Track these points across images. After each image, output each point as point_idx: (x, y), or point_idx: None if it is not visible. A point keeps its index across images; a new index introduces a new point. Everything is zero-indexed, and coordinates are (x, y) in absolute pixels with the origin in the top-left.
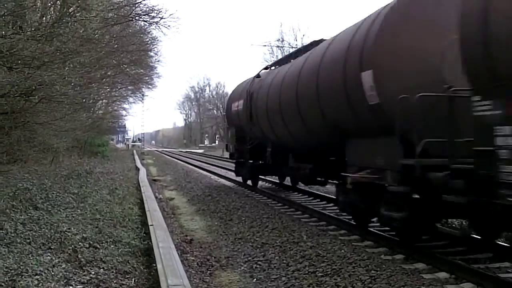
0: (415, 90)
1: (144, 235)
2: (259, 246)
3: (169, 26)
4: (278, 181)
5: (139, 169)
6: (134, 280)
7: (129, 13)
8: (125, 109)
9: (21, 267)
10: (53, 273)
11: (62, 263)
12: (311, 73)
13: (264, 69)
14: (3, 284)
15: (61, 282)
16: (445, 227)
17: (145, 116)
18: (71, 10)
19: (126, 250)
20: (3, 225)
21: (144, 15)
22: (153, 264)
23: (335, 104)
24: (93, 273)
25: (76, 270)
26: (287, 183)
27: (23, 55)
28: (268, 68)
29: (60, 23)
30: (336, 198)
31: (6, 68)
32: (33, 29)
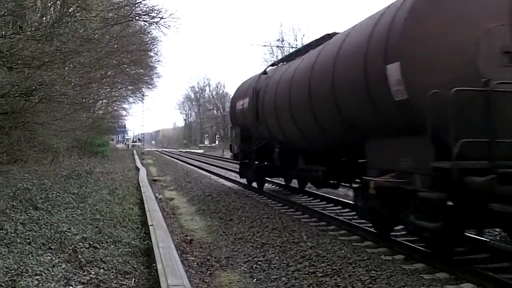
0: (448, 84)
1: (144, 235)
2: (259, 246)
3: (169, 26)
4: (282, 183)
5: (139, 169)
6: (134, 280)
7: (129, 13)
8: (125, 109)
9: (21, 267)
10: (53, 273)
11: (62, 263)
12: (326, 68)
13: (271, 65)
14: (3, 284)
15: (61, 282)
16: (487, 238)
17: (145, 116)
18: (71, 10)
19: (126, 250)
20: (3, 225)
21: (144, 15)
22: (153, 264)
23: (354, 100)
24: (93, 273)
25: (76, 270)
26: (290, 184)
27: (23, 55)
28: (275, 64)
29: (60, 23)
30: (354, 203)
31: (6, 68)
32: (33, 29)
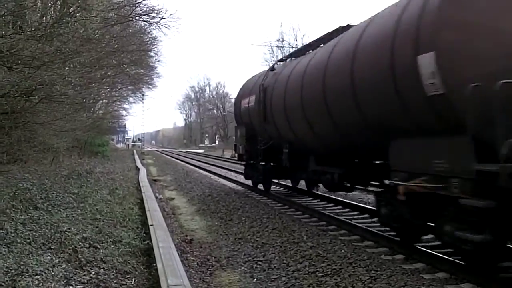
0: (492, 76)
1: (144, 235)
2: (259, 246)
3: (169, 26)
4: (286, 184)
5: (139, 169)
6: (134, 280)
7: (129, 13)
8: (125, 109)
9: (21, 267)
10: (53, 273)
11: (62, 263)
12: (344, 61)
13: (279, 61)
14: (3, 284)
15: (61, 282)
16: None
17: (145, 116)
18: (71, 10)
19: (126, 250)
20: (4, 225)
21: (144, 15)
22: (153, 264)
23: (377, 96)
24: (93, 273)
25: (76, 270)
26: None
27: (23, 55)
28: (283, 60)
29: (60, 23)
30: (377, 210)
31: (6, 68)
32: (33, 29)
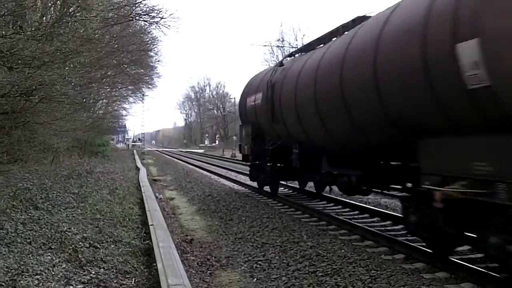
0: None
1: (144, 234)
2: (259, 246)
3: (169, 26)
4: (293, 186)
5: (139, 169)
6: (134, 280)
7: (129, 13)
8: (125, 109)
9: (21, 266)
10: (53, 273)
11: (62, 262)
12: (365, 52)
13: (288, 56)
14: (3, 283)
15: (62, 282)
16: None
17: (145, 116)
18: (71, 10)
19: (126, 249)
20: (4, 225)
21: (144, 15)
22: (153, 263)
23: (405, 90)
24: (94, 273)
25: (76, 270)
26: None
27: (23, 55)
28: (292, 55)
29: (60, 23)
30: (404, 217)
31: (6, 68)
32: (33, 29)
